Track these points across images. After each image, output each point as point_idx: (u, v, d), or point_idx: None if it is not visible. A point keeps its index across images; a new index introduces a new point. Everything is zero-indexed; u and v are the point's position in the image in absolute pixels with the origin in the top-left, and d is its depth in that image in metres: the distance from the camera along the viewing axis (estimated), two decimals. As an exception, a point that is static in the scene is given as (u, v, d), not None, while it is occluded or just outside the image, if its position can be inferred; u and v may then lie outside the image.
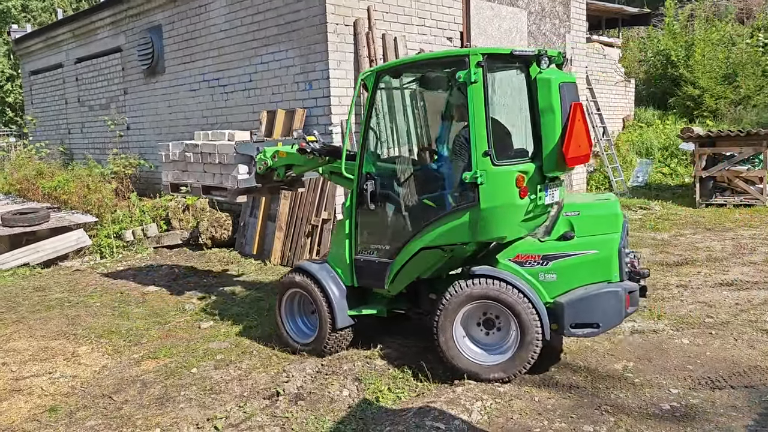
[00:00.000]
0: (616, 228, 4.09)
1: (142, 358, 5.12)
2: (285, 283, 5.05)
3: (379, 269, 4.55)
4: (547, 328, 4.06)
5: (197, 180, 5.86)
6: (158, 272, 7.95)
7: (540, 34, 10.86)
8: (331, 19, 7.69)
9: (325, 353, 4.83)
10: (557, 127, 3.97)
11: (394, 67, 4.58)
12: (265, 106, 8.67)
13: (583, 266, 4.04)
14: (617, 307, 3.97)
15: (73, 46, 13.52)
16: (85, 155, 12.97)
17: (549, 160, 4.04)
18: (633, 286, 4.11)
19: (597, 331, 4.04)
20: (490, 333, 4.31)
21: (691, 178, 12.23)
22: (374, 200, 4.49)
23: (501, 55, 4.07)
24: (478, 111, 3.94)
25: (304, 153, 5.04)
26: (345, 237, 4.73)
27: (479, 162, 3.95)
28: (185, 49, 10.12)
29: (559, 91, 3.97)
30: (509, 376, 4.17)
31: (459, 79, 3.96)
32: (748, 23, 20.56)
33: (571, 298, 4.03)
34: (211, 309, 6.28)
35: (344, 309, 4.74)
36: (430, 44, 8.89)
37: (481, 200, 3.98)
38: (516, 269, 4.17)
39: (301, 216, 7.84)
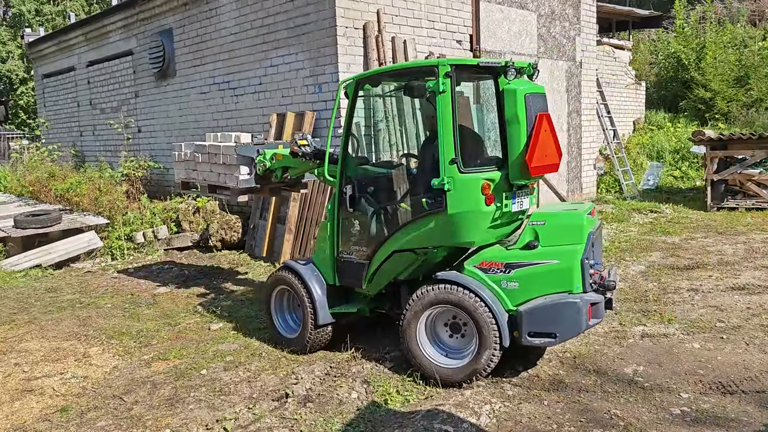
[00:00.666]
0: (579, 239, 4.08)
1: (153, 359, 5.15)
2: (273, 280, 5.26)
3: (358, 269, 4.73)
4: (505, 335, 4.10)
5: (204, 179, 6.08)
6: (168, 274, 8.00)
7: (550, 36, 10.84)
8: (341, 22, 7.72)
9: (306, 349, 4.99)
10: (522, 136, 4.09)
11: (372, 75, 4.76)
12: (275, 109, 8.71)
13: (544, 276, 4.07)
14: (575, 319, 3.98)
15: (85, 49, 13.65)
16: (96, 157, 13.09)
17: (514, 169, 4.16)
18: (596, 298, 4.10)
19: (554, 341, 4.09)
20: (455, 337, 4.42)
21: (703, 182, 12.14)
22: (353, 203, 4.65)
23: (469, 66, 4.28)
24: (446, 120, 4.04)
25: (296, 156, 5.21)
26: (328, 238, 4.90)
27: (447, 169, 4.06)
28: (196, 52, 10.19)
29: (525, 102, 4.07)
30: (467, 380, 4.24)
31: (428, 89, 4.07)
32: (760, 25, 20.41)
33: (529, 307, 4.07)
34: (220, 311, 6.31)
35: (326, 306, 4.92)
36: (439, 47, 8.90)
37: (449, 206, 4.10)
38: (480, 276, 4.24)
39: (310, 218, 7.87)
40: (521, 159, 4.10)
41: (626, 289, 6.46)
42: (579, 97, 11.71)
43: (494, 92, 4.34)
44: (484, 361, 4.15)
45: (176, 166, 6.52)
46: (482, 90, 4.55)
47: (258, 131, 9.03)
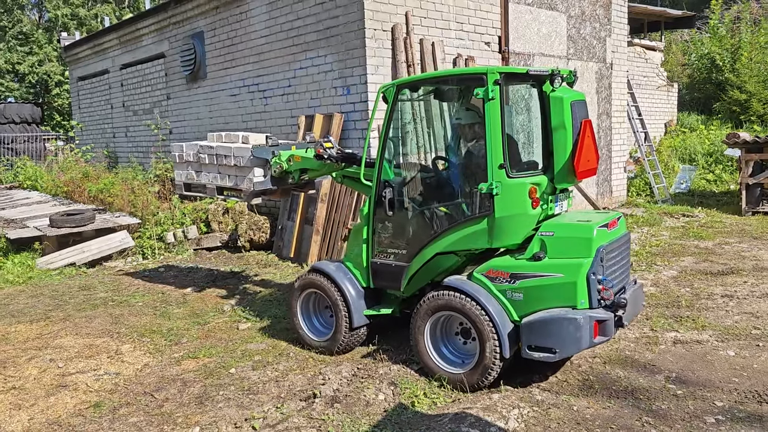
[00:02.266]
0: (586, 253, 3.98)
1: (183, 358, 5.23)
2: (302, 283, 5.22)
3: (396, 272, 4.75)
4: (506, 345, 4.08)
5: (211, 181, 6.04)
6: (198, 274, 8.12)
7: (580, 37, 10.71)
8: (369, 24, 7.74)
9: (338, 351, 5.01)
10: (568, 142, 4.19)
11: (414, 81, 4.83)
12: (303, 111, 8.78)
13: (547, 289, 4.02)
14: (576, 335, 3.89)
15: (118, 52, 13.94)
16: (129, 158, 13.34)
17: (560, 173, 4.26)
18: (604, 315, 3.98)
19: (553, 356, 4.00)
20: (466, 342, 4.45)
21: (737, 185, 11.85)
22: (392, 207, 4.67)
23: (517, 74, 4.29)
24: (494, 126, 4.11)
25: (320, 159, 5.21)
26: (362, 241, 4.92)
27: (495, 174, 4.13)
28: (226, 54, 10.33)
29: (571, 109, 4.18)
30: (471, 386, 4.24)
31: (477, 96, 4.14)
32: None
33: (530, 320, 4.04)
34: (249, 311, 6.38)
35: (360, 309, 4.93)
36: (467, 49, 8.87)
37: (496, 209, 4.16)
38: (486, 284, 4.24)
39: (337, 220, 7.90)
40: (568, 164, 4.20)
41: (658, 294, 6.34)
42: (609, 99, 11.55)
43: (536, 99, 4.37)
44: (484, 370, 4.16)
45: (177, 168, 6.41)
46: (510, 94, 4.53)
47: (287, 133, 9.11)
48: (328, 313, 5.26)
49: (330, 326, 5.16)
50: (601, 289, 4.03)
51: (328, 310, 5.23)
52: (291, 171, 5.59)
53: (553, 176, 4.30)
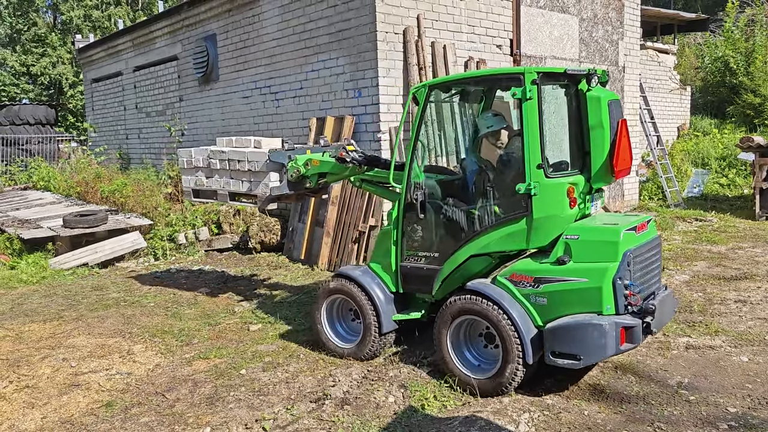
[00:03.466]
0: (612, 257, 3.90)
1: (194, 358, 5.26)
2: (327, 289, 5.13)
3: (427, 275, 4.65)
4: (529, 351, 4.00)
5: (223, 186, 5.93)
6: (209, 275, 8.16)
7: (592, 41, 10.67)
8: (381, 27, 7.76)
9: (366, 357, 4.92)
10: (606, 142, 4.16)
11: (447, 82, 4.76)
12: (315, 113, 8.81)
13: (572, 294, 3.94)
14: (601, 342, 3.81)
15: (132, 54, 14.06)
16: (141, 160, 13.45)
17: (598, 173, 4.24)
18: (631, 321, 3.89)
19: (577, 363, 3.92)
20: (489, 347, 4.39)
21: (751, 190, 11.75)
22: (423, 209, 4.59)
23: (554, 74, 4.25)
24: (532, 126, 4.07)
25: (343, 162, 5.12)
26: (391, 245, 4.82)
27: (533, 174, 4.07)
28: (238, 57, 10.39)
29: (608, 108, 4.16)
30: (492, 392, 4.18)
31: (514, 96, 4.10)
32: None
33: (553, 325, 3.97)
34: (259, 312, 6.40)
35: (389, 314, 4.85)
36: (479, 52, 8.87)
37: (534, 210, 4.10)
38: (510, 288, 4.18)
39: (348, 222, 7.92)
40: (606, 163, 4.18)
41: (670, 299, 6.30)
42: (621, 102, 11.49)
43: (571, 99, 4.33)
44: (507, 376, 4.09)
45: (185, 174, 6.32)
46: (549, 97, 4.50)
47: (298, 135, 9.15)
48: (352, 319, 5.17)
49: (355, 332, 5.09)
50: (628, 294, 3.92)
51: (353, 316, 5.14)
52: (308, 175, 5.49)
53: (589, 176, 4.27)
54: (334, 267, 7.93)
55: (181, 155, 6.24)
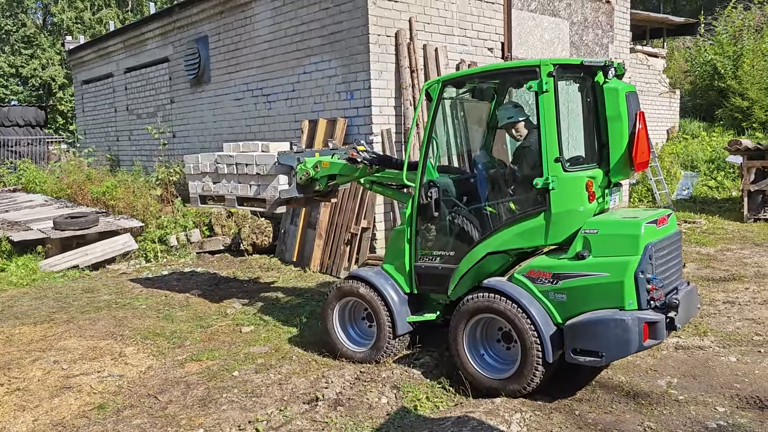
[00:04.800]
0: (634, 251, 3.78)
1: (186, 360, 5.25)
2: (339, 292, 5.01)
3: (443, 275, 4.55)
4: (549, 349, 3.90)
5: (230, 191, 5.91)
6: (201, 277, 8.14)
7: (582, 44, 10.76)
8: (374, 30, 7.79)
9: (380, 361, 4.82)
10: (624, 134, 4.09)
11: (460, 77, 4.68)
12: (307, 116, 8.82)
13: (593, 289, 3.84)
14: (624, 338, 3.70)
15: (123, 56, 14.01)
16: (132, 161, 13.40)
17: (616, 166, 4.15)
18: (654, 316, 3.77)
19: (599, 360, 3.83)
20: (506, 347, 4.30)
21: (739, 192, 11.88)
22: (438, 208, 4.51)
23: (570, 66, 4.17)
24: (549, 119, 3.99)
25: (354, 163, 5.03)
26: (405, 245, 4.72)
27: (551, 168, 4.00)
28: (230, 59, 10.38)
29: (626, 100, 4.08)
30: (511, 394, 4.10)
31: (530, 89, 4.02)
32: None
33: (573, 322, 3.86)
34: (251, 314, 6.40)
35: (404, 316, 4.75)
36: (470, 55, 8.92)
37: (553, 205, 4.02)
38: (528, 285, 4.09)
39: (340, 224, 7.93)
40: (625, 156, 4.10)
41: (659, 300, 6.35)
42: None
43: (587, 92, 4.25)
44: (527, 376, 3.99)
45: (191, 179, 6.23)
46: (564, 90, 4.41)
47: (290, 137, 9.16)
48: (364, 322, 5.07)
49: (368, 335, 5.00)
50: (651, 288, 3.82)
51: (366, 319, 5.05)
52: (318, 178, 5.38)
53: (608, 169, 4.19)
54: (326, 269, 7.94)
55: (187, 161, 6.20)
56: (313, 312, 6.28)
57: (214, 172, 6.04)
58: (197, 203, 6.29)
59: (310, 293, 7.08)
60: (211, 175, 6.07)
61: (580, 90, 4.32)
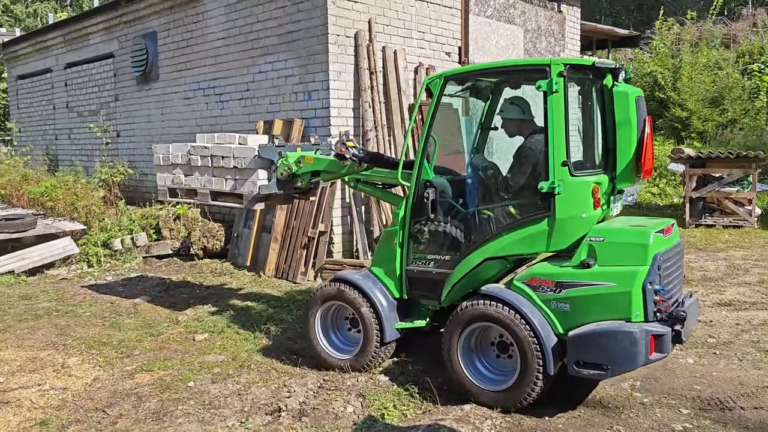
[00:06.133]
0: (642, 260, 3.66)
1: (136, 371, 4.96)
2: (323, 294, 4.77)
3: (436, 280, 4.36)
4: (551, 361, 3.76)
5: (204, 185, 5.48)
6: (149, 282, 7.77)
7: (536, 52, 10.93)
8: (333, 30, 7.65)
9: (366, 368, 4.62)
10: (633, 139, 3.96)
11: (465, 73, 4.52)
12: (262, 116, 8.58)
13: (598, 299, 3.69)
14: (630, 351, 3.57)
15: (63, 51, 13.34)
16: (72, 161, 12.74)
17: (623, 172, 4.03)
18: (661, 329, 3.65)
19: (604, 374, 3.69)
20: (502, 357, 4.12)
21: (681, 199, 12.33)
22: (434, 209, 4.30)
23: (582, 66, 4.04)
24: (557, 121, 3.84)
25: (342, 159, 4.80)
26: (396, 247, 4.52)
27: (557, 172, 3.85)
28: (180, 56, 10.02)
29: (636, 105, 3.97)
30: (509, 406, 3.95)
31: (539, 89, 3.87)
32: (732, 48, 20.96)
33: (577, 333, 3.71)
34: (205, 321, 6.13)
35: (392, 322, 4.54)
36: (428, 58, 8.90)
37: (557, 210, 3.87)
38: (528, 293, 3.92)
39: (297, 228, 7.73)
40: (632, 162, 3.98)
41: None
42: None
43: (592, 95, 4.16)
44: (526, 388, 3.83)
45: (160, 171, 5.79)
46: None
47: (243, 138, 8.88)
48: (347, 327, 4.85)
49: (352, 342, 4.78)
50: (658, 300, 3.71)
51: (349, 324, 4.83)
52: (300, 174, 5.14)
53: (614, 175, 4.08)
54: (281, 274, 7.73)
55: (156, 151, 5.69)
56: (271, 318, 6.07)
57: (186, 164, 5.52)
58: (165, 196, 5.80)
59: (266, 298, 6.85)
60: (182, 167, 5.56)
61: (582, 93, 4.20)
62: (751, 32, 21.97)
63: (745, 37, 21.50)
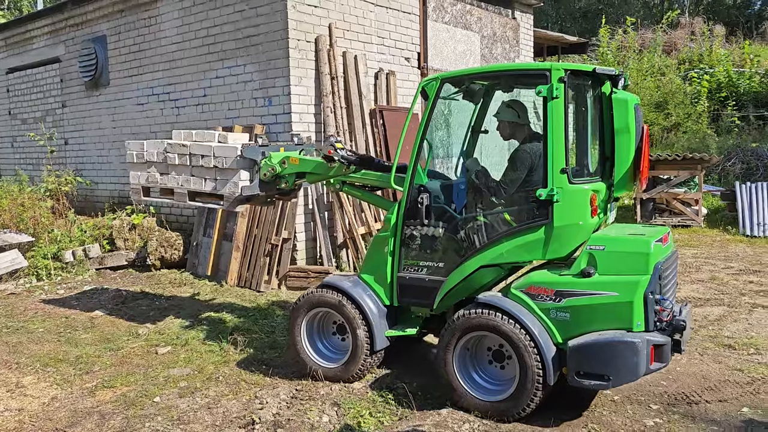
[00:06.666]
0: (643, 270, 3.62)
1: (96, 388, 4.75)
2: (310, 301, 4.62)
3: (429, 287, 4.28)
4: (550, 371, 3.72)
5: (181, 184, 5.19)
6: (104, 295, 7.48)
7: (492, 57, 11.11)
8: (293, 35, 7.57)
9: (354, 378, 4.52)
10: (631, 147, 3.95)
11: (462, 76, 4.47)
12: (221, 122, 8.40)
13: (599, 309, 3.65)
14: (632, 361, 3.54)
15: (4, 55, 12.75)
16: (15, 171, 12.18)
17: (621, 180, 4.03)
18: (661, 339, 3.65)
19: (606, 384, 3.66)
20: (497, 366, 4.09)
21: (631, 200, 12.73)
22: (429, 215, 4.22)
23: (581, 72, 4.01)
24: (557, 127, 3.80)
25: (330, 161, 4.69)
26: (387, 253, 4.42)
27: (556, 179, 3.81)
28: (132, 61, 9.72)
29: (635, 113, 3.97)
30: (506, 417, 3.90)
31: (539, 94, 3.84)
32: (673, 55, 21.85)
33: (578, 343, 3.66)
34: (167, 333, 5.94)
35: (382, 329, 4.44)
36: (388, 63, 8.91)
37: (555, 218, 3.82)
38: (527, 302, 3.87)
39: (259, 236, 7.59)
40: (631, 170, 3.97)
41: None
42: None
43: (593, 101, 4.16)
44: (525, 399, 3.78)
45: (133, 169, 5.44)
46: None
47: (201, 145, 8.68)
48: (334, 335, 4.74)
49: (339, 349, 4.67)
50: (659, 309, 3.69)
51: (335, 331, 4.72)
52: (284, 175, 4.99)
53: (611, 183, 4.08)
54: (244, 282, 7.56)
55: (130, 148, 5.36)
56: (237, 328, 5.93)
57: (162, 162, 5.22)
58: (139, 195, 5.45)
59: (230, 308, 6.69)
60: (158, 166, 5.25)
61: (579, 99, 4.19)
62: (689, 40, 22.98)
63: (685, 45, 22.46)
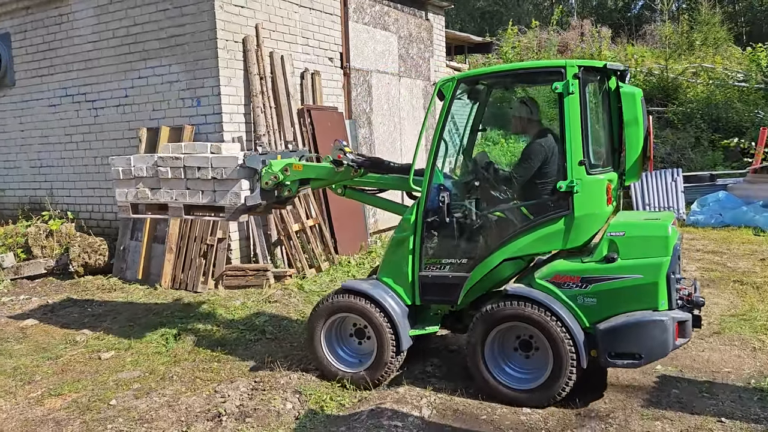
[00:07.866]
0: (664, 252, 3.83)
1: (43, 396, 4.65)
2: (330, 307, 4.59)
3: (453, 284, 4.36)
4: (583, 355, 3.89)
5: (176, 198, 5.02)
6: (28, 305, 7.16)
7: (408, 57, 11.53)
8: (222, 35, 7.57)
9: (382, 380, 4.50)
10: (640, 138, 4.16)
11: (478, 75, 4.58)
12: (145, 123, 8.23)
13: (625, 291, 3.86)
14: (662, 338, 3.76)
15: None
16: None
17: (632, 169, 4.24)
18: (684, 315, 3.88)
19: (638, 362, 3.85)
20: (526, 356, 4.20)
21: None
22: (450, 213, 4.30)
23: (594, 68, 4.23)
24: (573, 121, 3.97)
25: (339, 165, 4.71)
26: (408, 253, 4.46)
27: (575, 171, 3.98)
28: (42, 60, 9.26)
29: (642, 105, 4.19)
30: (540, 404, 4.04)
31: (556, 90, 4.00)
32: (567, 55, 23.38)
33: (609, 325, 3.86)
34: (107, 338, 5.84)
35: (406, 329, 4.46)
36: (313, 64, 9.08)
37: (576, 208, 3.99)
38: (554, 290, 4.02)
39: (193, 237, 7.55)
40: (640, 159, 4.17)
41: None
42: (434, 113, 12.55)
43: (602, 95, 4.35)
44: (560, 384, 3.92)
45: (119, 186, 5.20)
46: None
47: (124, 146, 8.46)
48: (352, 339, 4.70)
49: (360, 353, 4.65)
50: (680, 288, 3.96)
51: (353, 336, 4.68)
52: (286, 182, 4.96)
53: (622, 172, 4.32)
54: (180, 284, 7.50)
55: (115, 164, 4.96)
56: (183, 329, 5.93)
57: (153, 176, 5.00)
58: (128, 213, 5.22)
59: (169, 310, 6.65)
60: (146, 181, 5.07)
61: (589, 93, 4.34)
62: (580, 41, 24.69)
63: (577, 45, 24.11)
